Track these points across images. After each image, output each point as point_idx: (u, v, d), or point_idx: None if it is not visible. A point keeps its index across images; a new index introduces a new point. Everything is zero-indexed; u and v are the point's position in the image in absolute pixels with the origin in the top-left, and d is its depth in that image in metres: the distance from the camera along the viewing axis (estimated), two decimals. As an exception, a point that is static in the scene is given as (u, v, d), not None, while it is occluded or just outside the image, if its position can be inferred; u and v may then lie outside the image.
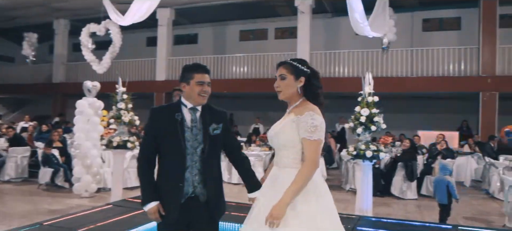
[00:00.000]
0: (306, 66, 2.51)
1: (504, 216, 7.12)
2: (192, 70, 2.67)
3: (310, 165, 2.32)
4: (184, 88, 2.66)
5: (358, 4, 6.32)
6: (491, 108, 12.51)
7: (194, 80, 2.63)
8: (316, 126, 2.33)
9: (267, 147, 10.86)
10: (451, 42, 14.45)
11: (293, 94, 2.49)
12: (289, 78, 2.48)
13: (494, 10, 12.65)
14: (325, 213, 2.37)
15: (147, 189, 2.61)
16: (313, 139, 2.32)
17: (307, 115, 2.34)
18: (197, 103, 2.66)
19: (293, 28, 17.59)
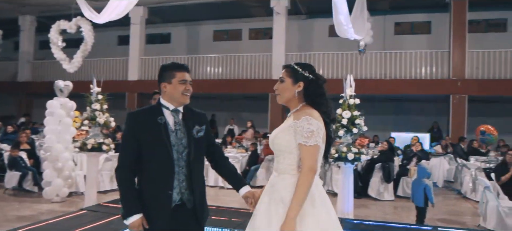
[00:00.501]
0: (308, 71, 2.42)
1: (478, 216, 7.32)
2: (173, 69, 2.53)
3: (307, 173, 2.24)
4: (165, 88, 2.51)
5: (343, 6, 6.32)
6: (461, 111, 12.86)
7: (177, 79, 2.50)
8: (312, 131, 2.25)
9: (243, 148, 10.77)
10: (421, 46, 14.80)
11: (290, 98, 2.42)
12: (287, 82, 2.41)
13: (464, 15, 13.01)
14: (323, 223, 2.29)
15: (129, 200, 2.40)
16: (309, 145, 2.24)
17: (303, 120, 2.26)
18: (180, 103, 2.53)
19: (268, 29, 17.60)
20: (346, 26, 6.35)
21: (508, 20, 15.47)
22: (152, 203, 2.41)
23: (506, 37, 15.06)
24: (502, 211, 6.26)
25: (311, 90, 2.38)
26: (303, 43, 16.52)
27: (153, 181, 2.43)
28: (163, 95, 2.54)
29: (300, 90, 2.38)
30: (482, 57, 13.18)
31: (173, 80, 2.50)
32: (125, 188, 2.43)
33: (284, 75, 2.43)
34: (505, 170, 7.15)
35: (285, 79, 2.42)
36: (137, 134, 2.44)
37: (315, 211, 2.28)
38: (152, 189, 2.43)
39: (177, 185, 2.44)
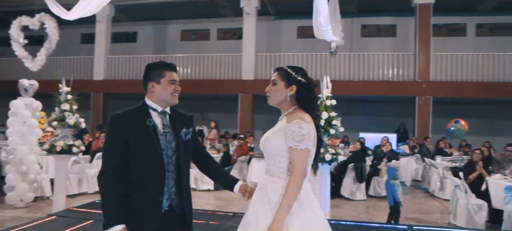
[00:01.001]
0: (301, 75, 2.40)
1: (447, 214, 7.56)
2: (163, 68, 2.41)
3: (297, 176, 2.22)
4: (153, 88, 2.37)
5: (324, 8, 6.35)
6: (426, 112, 13.28)
7: (166, 79, 2.38)
8: (303, 135, 2.22)
9: (215, 150, 10.64)
10: (387, 48, 15.14)
11: (282, 101, 2.41)
12: (280, 85, 2.39)
13: (429, 19, 13.43)
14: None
15: (114, 209, 2.22)
16: (300, 148, 2.22)
17: (294, 123, 2.24)
18: (168, 104, 2.42)
19: (236, 29, 17.55)
20: (326, 28, 6.39)
21: (468, 25, 16.15)
22: (141, 210, 2.27)
23: (466, 41, 15.72)
24: (471, 209, 6.47)
25: (303, 94, 2.37)
26: (272, 44, 16.55)
27: (143, 186, 2.28)
28: (149, 95, 2.41)
29: (292, 93, 2.37)
30: (445, 60, 13.67)
31: (163, 80, 2.38)
32: (108, 195, 2.25)
33: (277, 78, 2.41)
34: (472, 169, 7.38)
35: (278, 82, 2.40)
36: (123, 136, 2.28)
37: (302, 212, 2.26)
38: (141, 195, 2.28)
39: (166, 190, 2.33)
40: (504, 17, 15.74)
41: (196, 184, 9.33)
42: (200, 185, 9.31)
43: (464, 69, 13.52)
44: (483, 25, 16.16)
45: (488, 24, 16.15)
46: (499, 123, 14.91)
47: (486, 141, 11.35)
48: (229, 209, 7.73)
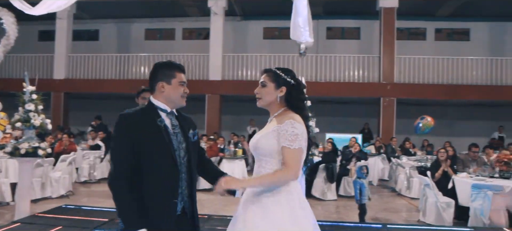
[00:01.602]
0: (290, 76, 2.42)
1: (416, 212, 7.78)
2: (173, 68, 2.38)
3: (288, 171, 2.21)
4: (163, 88, 2.32)
5: (304, 9, 6.35)
6: (390, 113, 13.65)
7: (177, 80, 2.36)
8: (297, 135, 2.22)
9: (184, 151, 10.45)
10: (351, 50, 15.46)
11: (272, 102, 2.41)
12: (270, 86, 2.40)
13: (393, 23, 13.81)
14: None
15: (131, 213, 2.12)
16: (294, 148, 2.21)
17: (287, 123, 2.24)
18: (176, 106, 2.38)
19: (202, 29, 17.39)
20: (303, 29, 6.39)
21: (427, 29, 16.76)
22: (156, 213, 2.17)
23: (426, 45, 16.32)
24: (440, 206, 6.67)
25: (293, 95, 2.38)
26: (238, 45, 16.49)
27: (157, 189, 2.18)
28: (158, 95, 2.33)
29: (282, 95, 2.37)
30: (408, 63, 14.12)
31: (173, 80, 2.34)
32: (124, 200, 2.15)
33: (266, 80, 2.41)
34: (439, 168, 7.62)
35: (267, 84, 2.40)
36: (133, 137, 2.18)
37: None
38: (156, 198, 2.18)
39: (180, 192, 2.26)
40: (460, 23, 16.49)
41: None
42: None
43: (425, 72, 14.02)
44: (441, 30, 16.83)
45: (446, 29, 16.84)
46: (458, 124, 15.56)
47: (446, 141, 11.80)
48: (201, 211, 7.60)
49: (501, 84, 13.98)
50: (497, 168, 7.15)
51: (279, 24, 17.35)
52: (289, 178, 2.22)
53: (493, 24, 16.15)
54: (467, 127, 15.64)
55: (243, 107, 16.92)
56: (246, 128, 15.13)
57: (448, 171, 7.40)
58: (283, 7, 16.02)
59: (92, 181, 10.15)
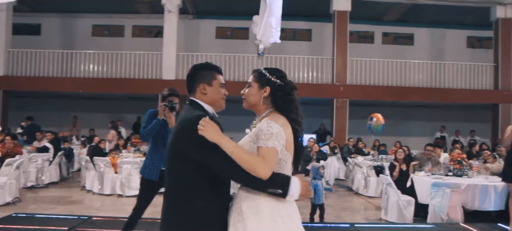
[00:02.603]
0: (276, 76, 2.31)
1: (375, 210, 8.02)
2: (213, 69, 2.33)
3: (263, 163, 2.03)
4: (206, 90, 2.27)
5: (278, 10, 6.31)
6: (343, 114, 14.02)
7: (218, 81, 2.31)
8: (271, 133, 2.09)
9: (140, 153, 10.06)
10: (303, 52, 15.70)
11: (255, 103, 2.32)
12: (254, 87, 2.31)
13: (346, 26, 14.19)
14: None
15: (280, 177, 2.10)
16: (267, 146, 2.07)
17: (263, 123, 2.15)
18: (217, 109, 2.32)
19: (153, 27, 16.92)
20: (275, 30, 6.35)
21: (375, 33, 17.43)
22: (218, 221, 2.16)
23: (374, 48, 16.96)
24: (401, 204, 6.91)
25: (278, 96, 2.27)
26: (190, 44, 16.16)
27: (221, 194, 2.19)
28: (201, 97, 2.27)
29: (266, 95, 2.28)
30: (359, 65, 14.59)
31: (214, 82, 2.30)
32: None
33: (251, 80, 2.34)
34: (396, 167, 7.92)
35: (252, 84, 2.32)
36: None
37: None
38: (219, 203, 2.17)
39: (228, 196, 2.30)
40: (405, 28, 17.32)
41: (122, 189, 8.73)
42: (126, 191, 8.72)
43: (375, 74, 14.54)
44: (388, 34, 17.58)
45: (392, 33, 17.61)
46: (405, 124, 16.30)
47: (397, 141, 12.32)
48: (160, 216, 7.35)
49: (442, 87, 14.81)
50: (451, 166, 7.53)
51: (232, 24, 17.33)
52: (261, 170, 2.02)
53: (435, 30, 17.12)
54: (413, 127, 16.45)
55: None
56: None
57: (407, 170, 7.71)
58: (235, 7, 16.06)
59: (39, 186, 9.50)
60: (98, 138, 10.56)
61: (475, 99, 14.73)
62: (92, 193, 9.02)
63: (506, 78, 14.27)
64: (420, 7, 15.06)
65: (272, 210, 2.13)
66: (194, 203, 2.09)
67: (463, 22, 16.66)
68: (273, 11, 6.27)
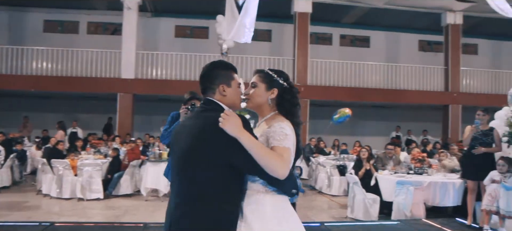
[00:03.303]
0: (283, 78, 2.33)
1: (340, 209, 8.21)
2: (230, 69, 2.25)
3: (281, 160, 2.00)
4: (225, 91, 2.18)
5: (253, 10, 6.26)
6: (304, 114, 14.12)
7: (235, 81, 2.23)
8: (286, 134, 2.10)
9: (100, 154, 9.72)
10: (262, 52, 15.76)
11: (261, 105, 2.30)
12: (260, 87, 2.29)
13: (307, 27, 14.41)
14: None
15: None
16: (283, 145, 2.06)
17: (275, 126, 2.13)
18: (235, 109, 2.24)
19: (109, 24, 16.40)
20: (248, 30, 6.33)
21: (333, 35, 17.84)
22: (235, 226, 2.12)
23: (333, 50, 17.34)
24: (367, 202, 7.11)
25: (285, 98, 2.29)
26: (149, 42, 15.77)
27: (242, 196, 2.15)
28: (221, 98, 2.18)
29: (273, 97, 2.28)
30: (319, 66, 14.88)
31: (233, 83, 2.22)
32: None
33: (257, 81, 2.31)
34: (361, 166, 8.14)
35: (258, 85, 2.29)
36: None
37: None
38: (239, 207, 2.14)
39: None
40: (361, 31, 17.85)
41: (83, 193, 8.38)
42: (87, 194, 8.40)
43: (334, 75, 14.89)
44: (346, 36, 18.04)
45: (349, 35, 18.10)
46: (363, 124, 16.77)
47: (356, 140, 12.67)
48: (126, 219, 7.16)
49: (397, 89, 15.39)
50: (412, 165, 7.84)
51: (192, 22, 17.13)
52: (280, 169, 1.98)
53: (389, 33, 17.77)
54: (369, 127, 16.98)
55: (156, 108, 16.35)
56: (160, 129, 14.56)
57: (371, 169, 7.95)
58: (195, 6, 15.87)
59: (-11, 191, 8.94)
60: (55, 139, 10.07)
61: (427, 100, 15.44)
62: (50, 197, 8.59)
63: (455, 81, 15.07)
64: (376, 11, 15.55)
65: (277, 213, 2.12)
66: (223, 208, 2.03)
67: (415, 26, 17.40)
68: (249, 11, 6.26)
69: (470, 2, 14.14)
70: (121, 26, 14.45)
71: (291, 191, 2.16)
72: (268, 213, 2.10)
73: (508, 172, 5.80)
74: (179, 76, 14.25)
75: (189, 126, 2.16)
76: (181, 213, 2.04)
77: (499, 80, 15.84)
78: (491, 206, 5.73)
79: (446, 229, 6.24)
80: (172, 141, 2.33)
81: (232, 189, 2.06)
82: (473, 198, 6.30)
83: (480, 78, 15.90)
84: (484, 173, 5.97)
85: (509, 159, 5.87)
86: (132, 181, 9.04)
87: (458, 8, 14.74)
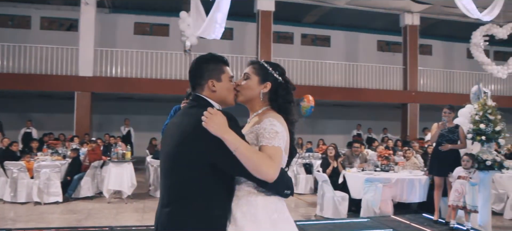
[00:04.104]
0: (279, 73, 2.17)
1: (309, 207, 8.22)
2: (220, 62, 2.09)
3: (270, 162, 1.84)
4: (214, 87, 2.03)
5: (226, 6, 6.09)
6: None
7: (227, 75, 2.08)
8: (277, 132, 1.93)
9: (58, 155, 9.23)
10: (224, 51, 15.61)
11: (252, 98, 2.13)
12: (253, 80, 2.13)
13: (270, 26, 14.38)
14: None
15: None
16: (273, 145, 1.90)
17: (266, 122, 1.97)
18: (227, 105, 2.09)
19: (64, 19, 15.75)
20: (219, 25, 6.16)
21: (295, 34, 17.97)
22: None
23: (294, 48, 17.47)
24: (336, 200, 7.16)
25: (279, 94, 2.13)
26: (107, 39, 15.20)
27: (233, 198, 2.00)
28: (210, 94, 2.03)
29: (266, 91, 2.11)
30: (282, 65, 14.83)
31: (223, 76, 2.06)
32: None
33: (250, 72, 2.15)
34: (328, 164, 8.19)
35: (251, 77, 2.13)
36: None
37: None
38: (229, 210, 1.99)
39: None
40: (322, 30, 18.10)
41: (40, 196, 7.92)
42: (45, 198, 7.94)
43: (296, 74, 14.96)
44: (307, 35, 18.23)
45: (310, 35, 18.30)
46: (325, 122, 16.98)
47: (320, 139, 12.80)
48: (89, 223, 6.83)
49: (357, 87, 15.69)
50: (379, 162, 7.97)
51: (152, 20, 16.72)
52: (268, 171, 1.83)
53: (349, 33, 18.12)
54: (331, 125, 17.24)
55: (116, 106, 15.82)
56: (120, 128, 14.10)
57: (338, 167, 8.01)
58: (155, 2, 15.47)
59: None
60: (7, 140, 9.44)
61: (386, 99, 15.83)
62: (3, 202, 8.07)
63: (413, 80, 15.56)
64: (337, 11, 15.78)
65: (271, 215, 1.96)
66: (211, 213, 1.88)
67: (374, 27, 17.84)
68: (221, 7, 6.11)
69: (427, 4, 14.62)
70: (77, 22, 13.85)
71: (284, 191, 2.01)
72: (261, 216, 1.94)
73: (472, 168, 6.00)
74: (139, 75, 13.84)
75: (176, 124, 2.01)
76: (166, 215, 1.90)
77: (452, 80, 16.53)
78: (458, 202, 5.90)
79: (415, 224, 6.38)
80: (162, 139, 2.19)
81: (219, 190, 1.91)
82: (440, 193, 6.48)
83: (435, 78, 16.51)
84: (450, 169, 6.14)
85: (473, 155, 6.07)
86: (93, 182, 8.65)
87: (416, 10, 15.21)
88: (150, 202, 8.42)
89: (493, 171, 6.11)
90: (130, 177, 8.50)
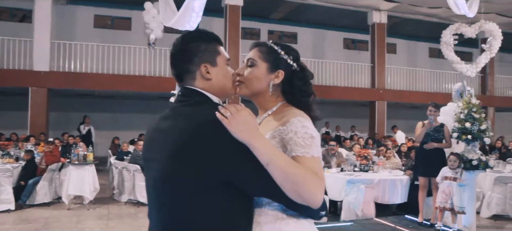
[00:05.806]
0: (293, 57, 1.66)
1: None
2: (213, 39, 1.57)
3: (316, 180, 1.37)
4: (209, 73, 1.52)
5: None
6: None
7: (223, 57, 1.58)
8: (312, 137, 1.46)
9: (10, 157, 8.39)
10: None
11: (260, 92, 1.63)
12: (261, 68, 1.62)
13: (238, 21, 13.92)
14: None
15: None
16: (312, 155, 1.43)
17: (295, 123, 1.47)
18: (226, 96, 1.60)
19: (17, 9, 14.69)
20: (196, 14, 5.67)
21: (261, 30, 17.62)
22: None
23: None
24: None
25: (295, 84, 1.62)
26: (64, 32, 14.19)
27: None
28: (204, 85, 1.51)
29: (278, 82, 1.62)
30: (250, 62, 14.52)
31: (219, 59, 1.55)
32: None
33: (256, 57, 1.64)
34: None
35: (258, 63, 1.62)
36: None
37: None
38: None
39: None
40: (289, 27, 17.87)
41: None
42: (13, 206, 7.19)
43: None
44: (274, 32, 17.92)
45: (277, 31, 18.02)
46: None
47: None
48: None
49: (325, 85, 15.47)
50: (358, 162, 7.73)
51: (113, 12, 15.91)
52: (317, 193, 1.36)
53: (316, 30, 17.99)
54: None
55: (74, 104, 14.89)
56: (80, 127, 13.21)
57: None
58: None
59: None
60: (-49, 141, 8.51)
61: (354, 96, 15.78)
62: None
63: (381, 78, 15.57)
64: (304, 7, 15.54)
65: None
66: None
67: (341, 24, 17.78)
68: (200, -6, 5.61)
69: (395, 2, 14.65)
70: (31, 12, 12.82)
71: (319, 213, 1.55)
72: None
73: (459, 168, 5.84)
74: (100, 70, 13.06)
75: (165, 130, 1.47)
76: None
77: (416, 78, 16.74)
78: (445, 203, 5.72)
79: (400, 227, 6.16)
80: (143, 152, 1.62)
81: (233, 218, 1.41)
82: (424, 194, 6.29)
83: (401, 76, 16.65)
84: (436, 169, 5.96)
85: (459, 155, 5.92)
86: (51, 187, 7.89)
87: (384, 8, 15.22)
88: (115, 208, 7.85)
89: (479, 170, 5.99)
90: (92, 180, 7.86)
